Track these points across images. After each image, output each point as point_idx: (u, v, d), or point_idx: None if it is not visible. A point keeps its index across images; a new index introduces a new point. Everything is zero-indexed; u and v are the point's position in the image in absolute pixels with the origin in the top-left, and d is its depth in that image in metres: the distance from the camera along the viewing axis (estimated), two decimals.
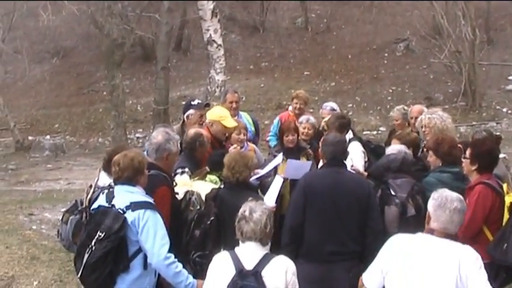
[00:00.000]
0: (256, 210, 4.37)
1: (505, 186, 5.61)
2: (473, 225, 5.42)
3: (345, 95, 22.08)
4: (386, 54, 24.89)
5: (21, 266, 8.22)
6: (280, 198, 6.65)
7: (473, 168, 5.58)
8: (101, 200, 5.05)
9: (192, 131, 6.79)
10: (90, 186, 5.98)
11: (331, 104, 8.93)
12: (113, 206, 4.87)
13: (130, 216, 4.81)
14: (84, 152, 20.50)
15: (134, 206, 4.84)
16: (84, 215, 5.83)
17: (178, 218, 5.52)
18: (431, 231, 4.17)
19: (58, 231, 6.19)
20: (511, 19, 23.95)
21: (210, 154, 6.64)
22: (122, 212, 4.81)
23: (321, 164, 6.11)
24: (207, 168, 6.36)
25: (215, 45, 14.77)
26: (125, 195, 4.92)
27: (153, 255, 4.82)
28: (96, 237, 4.73)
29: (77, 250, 5.02)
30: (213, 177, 6.17)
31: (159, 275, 5.06)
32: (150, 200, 5.01)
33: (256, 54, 27.19)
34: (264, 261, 4.29)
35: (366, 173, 6.80)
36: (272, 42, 27.48)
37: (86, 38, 28.62)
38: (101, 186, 5.80)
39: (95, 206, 5.07)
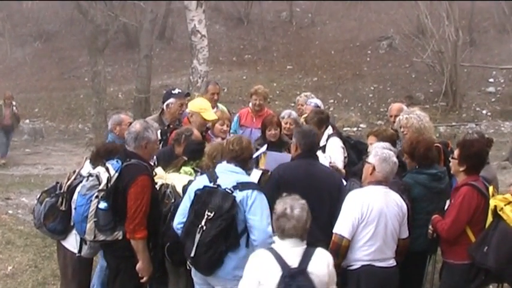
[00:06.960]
0: (295, 207, 4.23)
1: (490, 189, 5.62)
2: (457, 226, 5.49)
3: (327, 90, 22.15)
4: (369, 52, 25.00)
5: None
6: None
7: (461, 169, 5.61)
8: (203, 181, 5.14)
9: (187, 126, 6.89)
10: (74, 171, 5.97)
11: (315, 101, 8.69)
12: (219, 185, 5.01)
13: (238, 195, 4.95)
14: (63, 137, 20.38)
15: (242, 186, 5.00)
16: (60, 199, 5.80)
17: (157, 207, 5.51)
18: (380, 182, 5.24)
19: (33, 209, 6.17)
20: (493, 21, 24.14)
21: (188, 143, 6.51)
22: (230, 191, 4.95)
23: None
24: (185, 158, 6.32)
25: (199, 35, 14.74)
26: (230, 175, 5.10)
27: (261, 232, 4.91)
28: (205, 217, 4.88)
29: (184, 230, 5.07)
30: (188, 169, 6.11)
31: None
32: (255, 181, 5.19)
33: (239, 46, 27.18)
34: (306, 257, 4.21)
35: (343, 170, 6.81)
36: (256, 34, 27.48)
37: (69, 23, 28.41)
38: (82, 175, 5.79)
39: (199, 186, 5.10)
